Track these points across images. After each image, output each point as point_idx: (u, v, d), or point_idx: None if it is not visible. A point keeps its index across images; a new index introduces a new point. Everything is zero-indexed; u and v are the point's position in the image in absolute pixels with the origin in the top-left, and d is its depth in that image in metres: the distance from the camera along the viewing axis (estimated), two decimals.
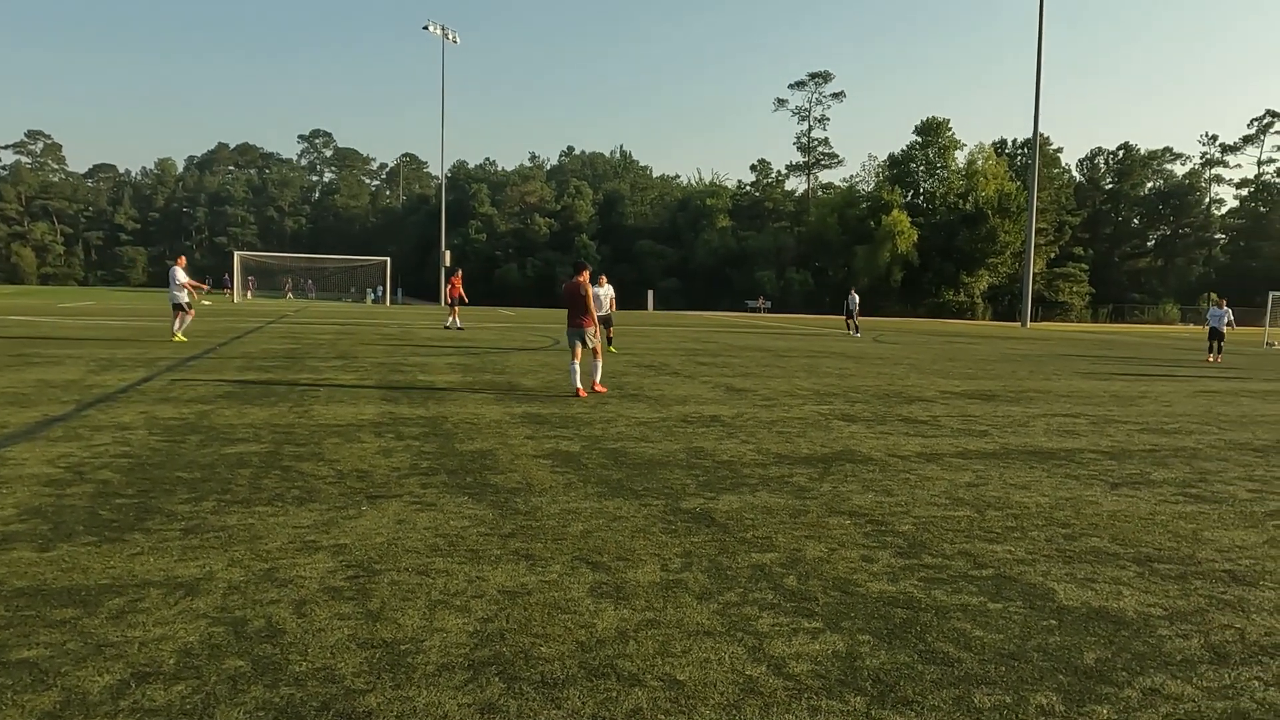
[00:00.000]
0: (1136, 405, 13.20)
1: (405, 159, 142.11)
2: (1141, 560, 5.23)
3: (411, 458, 7.55)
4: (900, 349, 25.97)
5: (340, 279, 79.00)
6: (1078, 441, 9.59)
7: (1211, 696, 3.43)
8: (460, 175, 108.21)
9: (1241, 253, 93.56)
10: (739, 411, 11.03)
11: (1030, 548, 5.41)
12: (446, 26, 65.58)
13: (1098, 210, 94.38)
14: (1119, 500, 6.82)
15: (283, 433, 8.55)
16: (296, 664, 3.43)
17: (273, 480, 6.54)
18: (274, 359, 16.23)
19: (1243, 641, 4.01)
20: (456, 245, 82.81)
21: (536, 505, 6.06)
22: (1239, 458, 8.93)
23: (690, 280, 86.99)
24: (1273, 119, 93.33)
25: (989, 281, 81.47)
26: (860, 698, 3.31)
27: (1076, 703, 3.34)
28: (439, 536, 5.21)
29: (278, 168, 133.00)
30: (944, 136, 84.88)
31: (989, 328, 54.49)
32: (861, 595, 4.45)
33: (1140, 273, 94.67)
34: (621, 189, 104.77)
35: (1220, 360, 23.42)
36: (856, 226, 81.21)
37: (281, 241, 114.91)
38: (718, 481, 7.00)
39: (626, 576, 4.61)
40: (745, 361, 19.14)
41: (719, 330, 35.57)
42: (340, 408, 10.31)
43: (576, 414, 10.36)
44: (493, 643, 3.70)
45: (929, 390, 14.34)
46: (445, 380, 13.54)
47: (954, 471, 7.72)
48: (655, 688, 3.34)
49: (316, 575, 4.46)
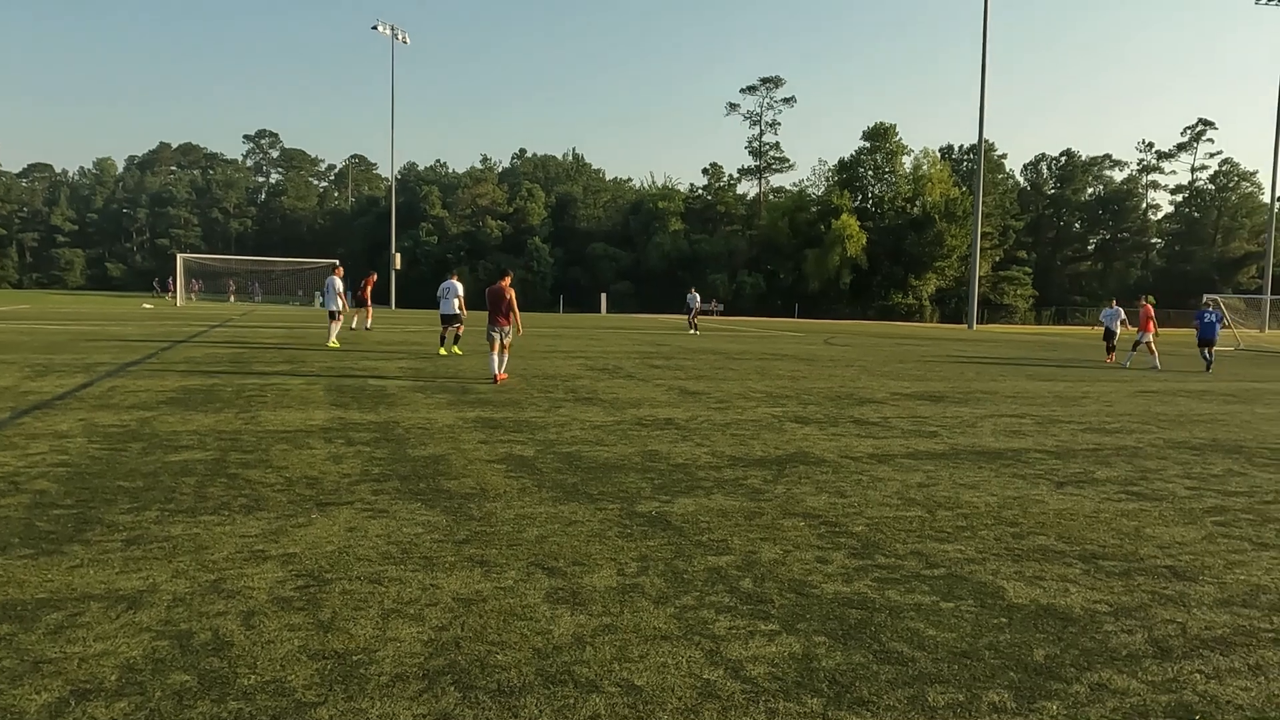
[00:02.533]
0: (1079, 405, 13.52)
1: (354, 160, 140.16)
2: (1087, 558, 5.34)
3: (362, 464, 7.43)
4: (851, 351, 26.29)
5: (288, 282, 77.56)
6: (1024, 441, 9.79)
7: (1155, 690, 3.51)
8: (411, 177, 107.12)
9: (1176, 257, 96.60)
10: (693, 414, 11.06)
11: (980, 547, 5.50)
12: (396, 26, 64.89)
13: (1041, 215, 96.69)
14: (1064, 499, 6.97)
15: (229, 439, 8.36)
16: (245, 677, 3.35)
17: (219, 488, 6.39)
18: (219, 364, 15.88)
19: (1184, 635, 4.12)
20: (407, 247, 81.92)
21: (491, 511, 6.00)
22: (1177, 456, 9.19)
23: (643, 283, 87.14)
24: (1205, 127, 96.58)
25: (936, 285, 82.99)
26: (817, 699, 3.33)
27: (1027, 699, 3.39)
28: (391, 544, 5.13)
29: (222, 168, 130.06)
30: (891, 142, 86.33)
31: (937, 330, 55.43)
32: (817, 596, 4.48)
33: (1081, 276, 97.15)
34: (574, 192, 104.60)
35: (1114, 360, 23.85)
36: (807, 230, 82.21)
37: (226, 244, 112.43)
38: (673, 485, 7.00)
39: (582, 582, 4.59)
40: (699, 364, 19.22)
41: (672, 333, 35.65)
42: (288, 413, 10.12)
43: (530, 418, 10.30)
44: (447, 651, 3.65)
45: (880, 392, 14.53)
46: (397, 384, 13.36)
47: (905, 472, 7.82)
48: (613, 693, 3.32)
49: (265, 585, 4.36)
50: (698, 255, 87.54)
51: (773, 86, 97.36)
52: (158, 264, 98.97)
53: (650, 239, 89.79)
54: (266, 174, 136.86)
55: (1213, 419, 12.41)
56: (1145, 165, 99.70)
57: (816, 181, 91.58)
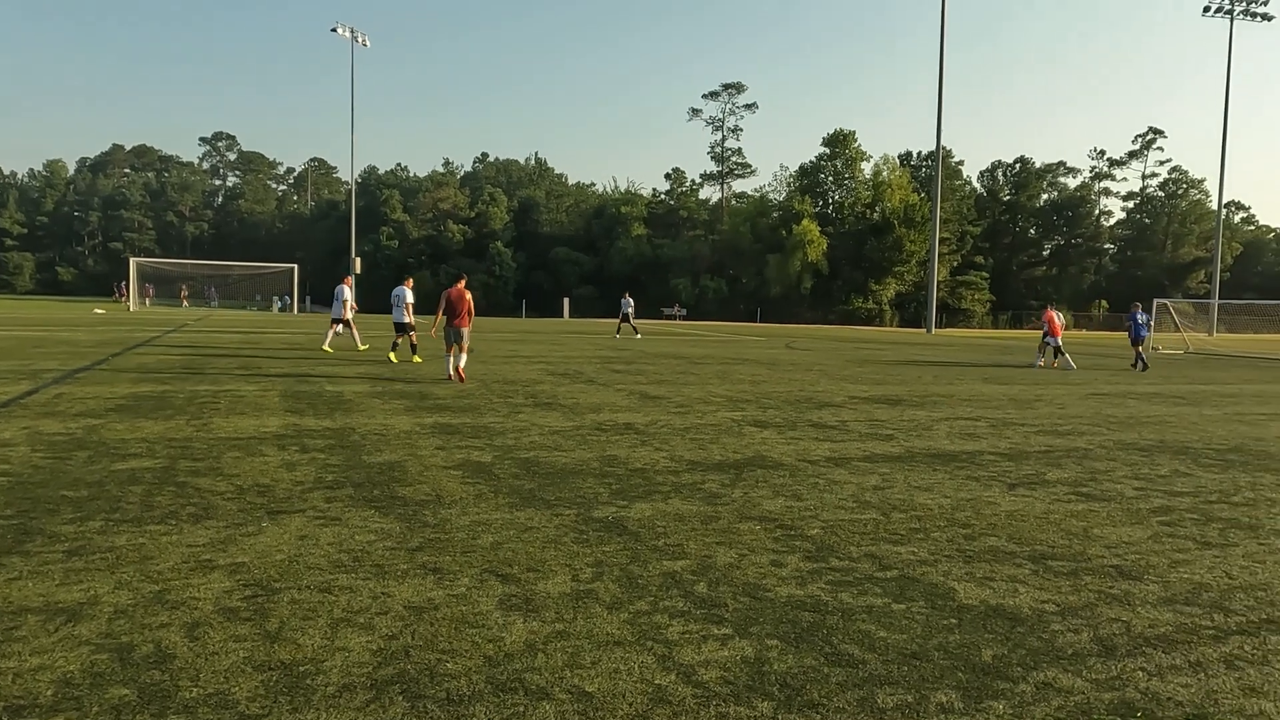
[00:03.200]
0: (1033, 408, 13.75)
1: (314, 163, 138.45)
2: (1036, 558, 5.43)
3: (316, 471, 7.33)
4: (811, 355, 26.49)
5: (245, 286, 76.45)
6: (978, 444, 9.93)
7: (1100, 688, 3.58)
8: (371, 180, 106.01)
9: (1129, 262, 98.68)
10: (653, 419, 11.07)
11: (933, 548, 5.56)
12: (356, 29, 64.26)
13: (997, 221, 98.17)
14: (1016, 500, 7.07)
15: (179, 447, 8.20)
16: (187, 690, 3.28)
17: (166, 497, 6.26)
18: (171, 370, 15.58)
19: (1129, 634, 4.19)
20: (367, 252, 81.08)
21: (446, 517, 5.95)
22: (1126, 457, 9.38)
23: (606, 288, 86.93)
24: (1155, 136, 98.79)
25: (896, 289, 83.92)
26: (768, 703, 3.34)
27: (975, 699, 3.43)
28: (343, 552, 5.07)
29: (177, 170, 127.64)
30: (851, 148, 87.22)
31: (896, 334, 56.05)
32: (770, 600, 4.49)
33: (1037, 280, 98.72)
34: (537, 196, 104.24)
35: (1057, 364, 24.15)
36: (768, 235, 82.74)
37: (182, 247, 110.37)
38: (630, 489, 7.00)
39: (536, 588, 4.56)
40: (660, 369, 19.24)
41: (633, 337, 35.65)
42: (242, 420, 9.95)
43: (489, 423, 10.23)
44: (397, 660, 3.61)
45: (839, 396, 14.66)
46: (354, 390, 13.21)
47: (861, 475, 7.89)
48: (563, 700, 3.30)
49: (211, 596, 4.28)
50: (660, 260, 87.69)
51: (734, 92, 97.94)
52: (110, 268, 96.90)
53: (613, 243, 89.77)
54: (223, 177, 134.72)
55: (1161, 421, 12.68)
56: (1098, 172, 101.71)
57: (778, 187, 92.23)
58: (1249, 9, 68.18)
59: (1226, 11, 68.26)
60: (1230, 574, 5.23)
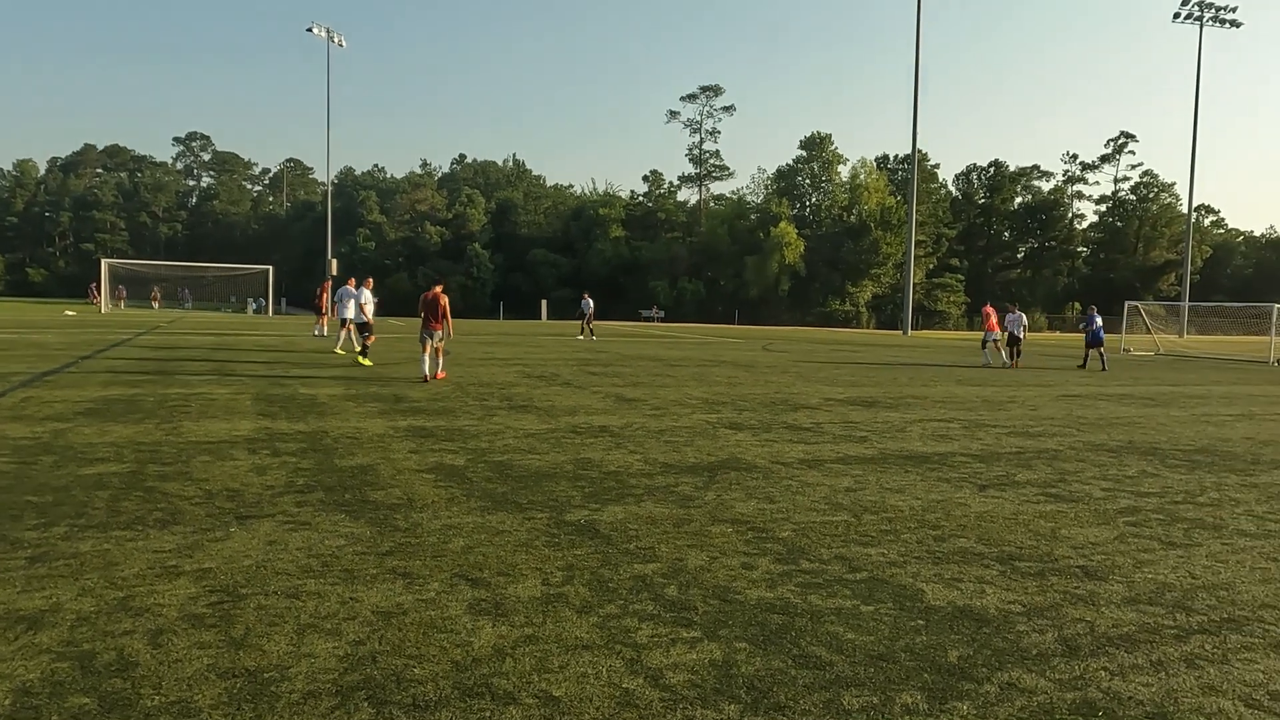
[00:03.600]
0: (1005, 410, 13.88)
1: (289, 164, 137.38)
2: (1004, 559, 5.48)
3: (287, 475, 7.28)
4: (788, 357, 26.60)
5: (220, 288, 75.67)
6: (950, 445, 10.01)
7: (1063, 688, 3.62)
8: (348, 182, 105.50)
9: (1101, 264, 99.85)
10: (628, 421, 11.07)
11: (902, 550, 5.60)
12: (332, 29, 63.83)
13: (972, 223, 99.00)
14: (986, 502, 7.14)
15: (148, 451, 8.11)
16: (149, 698, 3.24)
17: (133, 502, 6.19)
18: (142, 373, 15.40)
19: (1092, 634, 4.24)
20: (344, 253, 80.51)
21: (417, 521, 5.92)
22: (1095, 458, 9.49)
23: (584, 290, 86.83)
24: (1127, 140, 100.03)
25: (873, 291, 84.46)
26: (734, 705, 3.35)
27: (939, 700, 3.46)
28: (312, 557, 5.03)
29: (151, 171, 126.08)
30: (828, 151, 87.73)
31: (872, 336, 56.38)
32: (740, 603, 4.51)
33: (1011, 283, 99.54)
34: (515, 198, 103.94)
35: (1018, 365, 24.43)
36: (746, 237, 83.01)
37: (155, 248, 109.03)
38: (604, 492, 7.00)
39: (507, 592, 4.55)
40: (636, 371, 19.25)
41: (612, 340, 35.66)
42: (213, 424, 9.86)
43: (463, 426, 10.19)
44: (363, 666, 3.58)
45: (814, 398, 14.73)
46: (328, 394, 13.12)
47: (834, 477, 7.93)
48: (530, 705, 3.30)
49: (176, 602, 4.24)
50: (639, 262, 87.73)
51: (712, 95, 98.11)
52: (82, 269, 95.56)
53: (591, 245, 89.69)
54: (198, 177, 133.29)
55: (1130, 422, 12.84)
56: (1071, 176, 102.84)
57: (755, 189, 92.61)
58: (1218, 15, 69.22)
59: (1196, 18, 69.27)
60: (1194, 574, 5.30)
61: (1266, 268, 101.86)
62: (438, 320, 15.57)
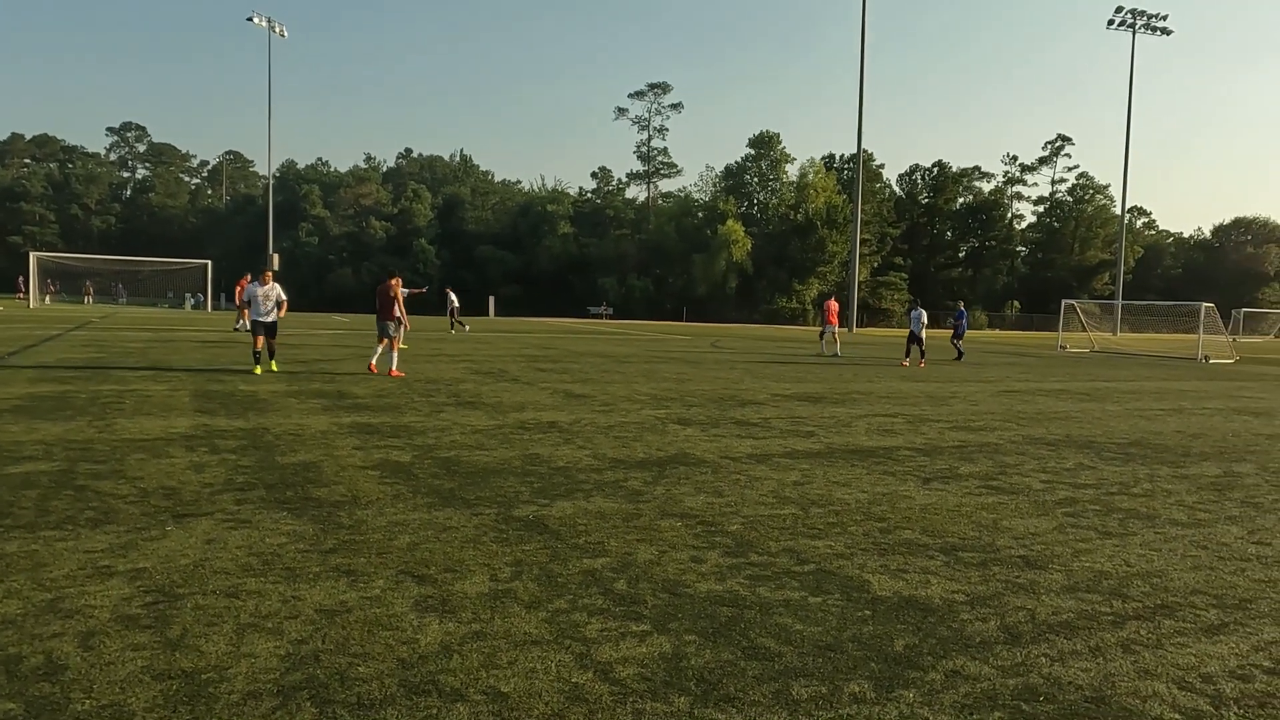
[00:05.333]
0: (948, 405, 14.14)
1: (229, 157, 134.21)
2: (948, 550, 5.57)
3: (227, 472, 7.09)
4: (735, 354, 26.77)
5: (155, 283, 73.54)
6: (895, 440, 10.16)
7: (1005, 675, 3.68)
8: (290, 175, 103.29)
9: (1039, 264, 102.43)
10: (577, 417, 11.03)
11: (849, 542, 5.66)
12: (273, 19, 62.47)
13: (916, 223, 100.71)
14: (930, 494, 7.25)
15: (79, 449, 7.84)
16: (79, 703, 3.12)
17: (64, 501, 5.98)
18: (74, 369, 14.90)
19: (1033, 622, 4.33)
20: (286, 248, 78.97)
21: (362, 518, 5.81)
22: (1034, 451, 9.71)
23: (532, 286, 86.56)
24: (1064, 143, 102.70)
25: (819, 289, 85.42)
26: (684, 698, 3.34)
27: (886, 689, 3.50)
28: (253, 555, 4.90)
29: (83, 162, 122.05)
30: (776, 150, 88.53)
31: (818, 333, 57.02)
32: (690, 596, 4.51)
33: (953, 281, 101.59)
34: (462, 193, 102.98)
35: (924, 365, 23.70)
36: (694, 235, 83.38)
37: (88, 242, 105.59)
38: (552, 488, 6.95)
39: (454, 589, 4.49)
40: (585, 367, 19.19)
41: (560, 336, 35.53)
42: (148, 421, 9.57)
43: (409, 423, 10.05)
44: (306, 665, 3.50)
45: (761, 394, 14.83)
46: (269, 390, 12.83)
47: (782, 471, 7.99)
48: (478, 702, 3.25)
49: (109, 603, 4.09)
50: (587, 259, 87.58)
51: (661, 92, 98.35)
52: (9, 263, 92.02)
53: (539, 242, 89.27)
54: (133, 169, 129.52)
55: (1067, 416, 13.17)
56: (1010, 177, 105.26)
57: (704, 187, 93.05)
58: (1150, 23, 71.37)
59: (1129, 25, 71.33)
60: (1129, 562, 5.45)
61: (1195, 268, 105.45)
62: (389, 311, 15.68)
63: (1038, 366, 25.58)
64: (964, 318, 27.93)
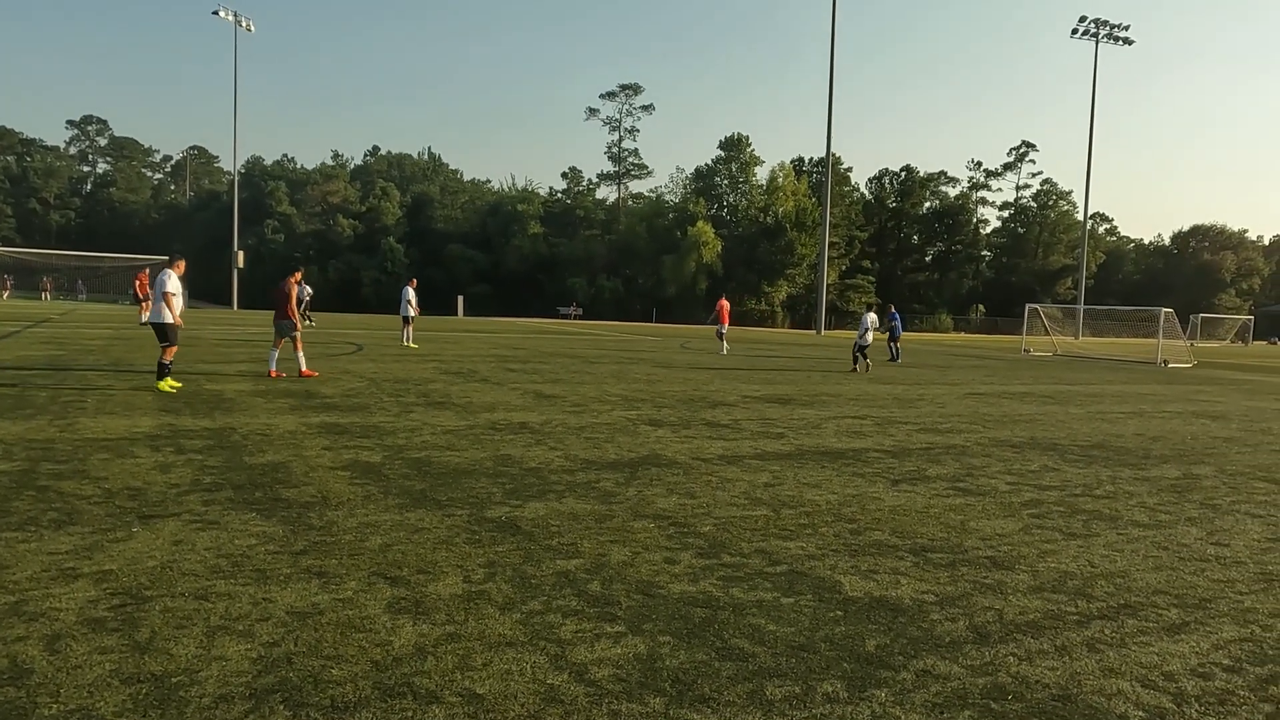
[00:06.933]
0: (915, 407, 14.30)
1: (193, 152, 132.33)
2: (917, 551, 5.64)
3: (193, 473, 7.00)
4: (705, 356, 26.85)
5: (117, 279, 72.15)
6: (864, 442, 10.26)
7: (974, 674, 3.74)
8: (255, 171, 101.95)
9: (1004, 268, 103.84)
10: (548, 418, 11.01)
11: (820, 543, 5.71)
12: (239, 13, 61.64)
13: (883, 227, 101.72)
14: (899, 496, 7.34)
15: (40, 449, 7.69)
16: (46, 707, 3.07)
17: (25, 502, 5.86)
18: (33, 367, 14.61)
19: (1001, 621, 4.40)
20: (251, 245, 77.92)
21: (332, 520, 5.76)
22: (1000, 453, 9.85)
23: (502, 286, 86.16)
24: (1028, 149, 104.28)
25: (788, 291, 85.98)
26: (659, 698, 3.36)
27: (859, 688, 3.54)
28: (221, 557, 4.85)
29: (41, 155, 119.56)
30: (745, 152, 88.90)
31: (787, 335, 57.40)
32: (663, 597, 4.53)
33: (920, 285, 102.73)
34: (431, 191, 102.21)
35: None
36: (664, 236, 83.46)
37: (46, 237, 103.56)
38: (524, 489, 6.94)
39: (427, 590, 4.47)
40: (555, 368, 19.16)
41: (530, 336, 35.42)
42: (111, 420, 9.41)
43: (379, 423, 9.98)
44: (278, 668, 3.47)
45: (731, 395, 14.90)
46: (235, 389, 12.67)
47: (753, 473, 8.04)
48: (453, 704, 3.24)
49: (74, 606, 4.03)
50: (557, 259, 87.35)
51: (631, 94, 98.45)
52: None
53: (509, 241, 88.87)
54: (93, 163, 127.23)
55: (1032, 419, 13.38)
56: (975, 183, 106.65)
57: (674, 189, 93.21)
58: (1112, 33, 72.74)
59: (1092, 34, 72.64)
60: (1093, 562, 5.55)
61: (1154, 274, 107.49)
62: (279, 310, 14.77)
63: (1003, 369, 25.93)
64: (897, 319, 28.12)
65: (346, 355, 20.34)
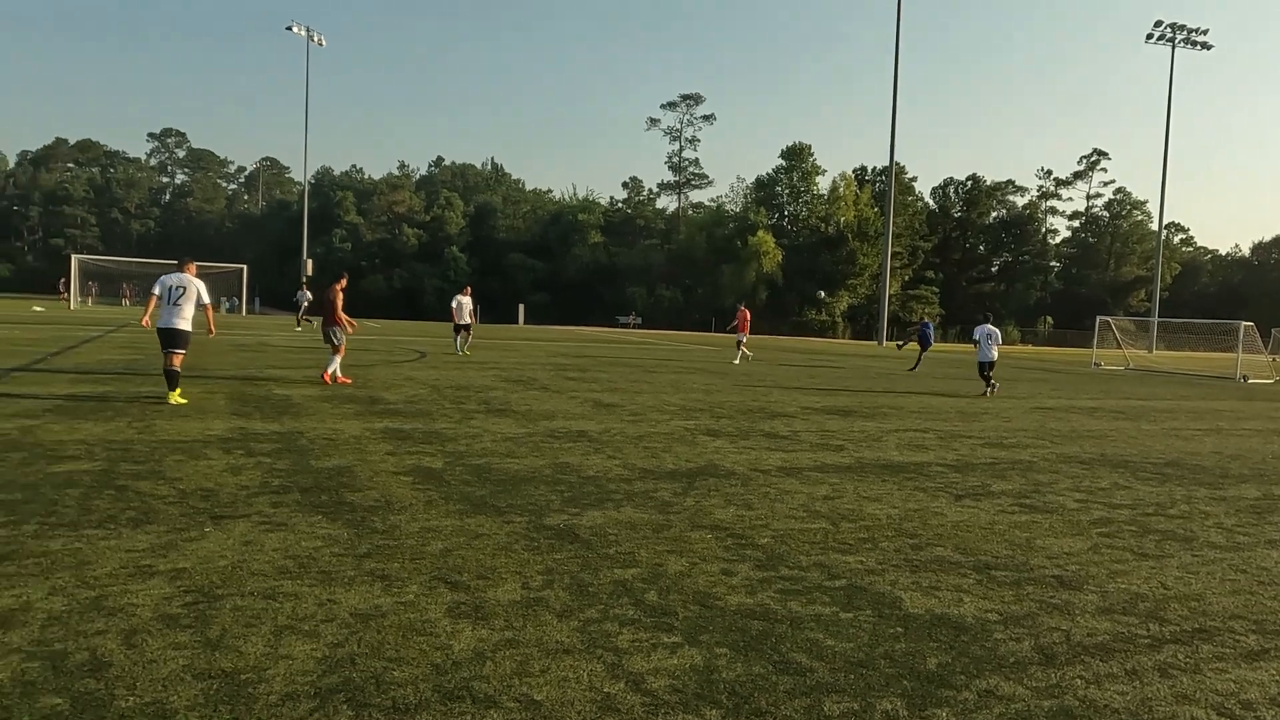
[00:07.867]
0: (979, 421, 14.00)
1: (265, 163, 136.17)
2: (981, 568, 5.52)
3: (262, 475, 7.20)
4: (764, 366, 26.70)
5: None
6: (926, 455, 10.08)
7: (1040, 696, 3.65)
8: (324, 182, 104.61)
9: (1073, 279, 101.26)
10: (606, 427, 11.06)
11: (880, 558, 5.63)
12: (311, 28, 63.46)
13: (948, 236, 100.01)
14: (962, 511, 7.19)
15: (119, 449, 7.99)
16: (123, 699, 3.19)
17: (105, 501, 6.10)
18: (113, 370, 15.19)
19: (1068, 642, 4.28)
20: (319, 254, 79.89)
21: (395, 524, 5.87)
22: (1068, 470, 9.59)
23: (561, 294, 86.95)
24: (1100, 157, 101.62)
25: (849, 302, 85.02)
26: (716, 710, 3.35)
27: (919, 707, 3.48)
28: (289, 558, 4.97)
29: (124, 167, 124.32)
30: (807, 162, 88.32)
31: (848, 346, 56.75)
32: (720, 608, 4.51)
33: (985, 296, 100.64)
34: (494, 201, 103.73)
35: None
36: (724, 246, 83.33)
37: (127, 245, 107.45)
38: (582, 497, 6.98)
39: (486, 595, 4.52)
40: (614, 377, 19.24)
41: (589, 345, 35.64)
42: (186, 423, 9.73)
43: (441, 429, 10.14)
44: (342, 668, 3.55)
45: (790, 406, 14.79)
46: (303, 394, 13.00)
47: (812, 485, 7.96)
48: (511, 709, 3.28)
49: (150, 602, 4.17)
50: (616, 268, 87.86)
51: (693, 103, 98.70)
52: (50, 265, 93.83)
53: (569, 250, 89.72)
54: (172, 174, 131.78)
55: (1102, 435, 13.00)
56: (1045, 192, 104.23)
57: (734, 198, 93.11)
58: (1190, 38, 70.45)
59: (1168, 40, 70.47)
60: (1165, 584, 5.37)
61: (1232, 286, 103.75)
62: (327, 317, 14.67)
63: (1071, 383, 25.26)
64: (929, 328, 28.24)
65: (410, 362, 20.72)
